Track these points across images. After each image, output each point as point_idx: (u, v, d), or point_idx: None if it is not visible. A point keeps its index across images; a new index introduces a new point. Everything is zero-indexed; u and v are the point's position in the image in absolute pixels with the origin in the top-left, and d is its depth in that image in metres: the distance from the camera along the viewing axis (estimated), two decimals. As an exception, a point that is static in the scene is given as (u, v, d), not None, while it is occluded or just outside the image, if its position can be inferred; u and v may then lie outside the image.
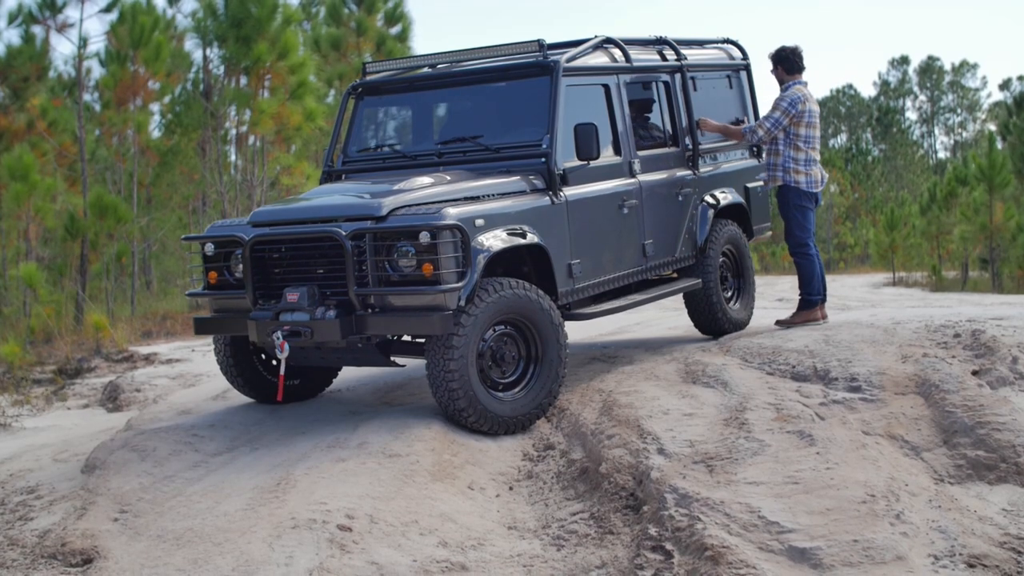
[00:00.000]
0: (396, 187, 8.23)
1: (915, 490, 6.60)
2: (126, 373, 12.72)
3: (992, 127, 52.61)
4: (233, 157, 25.95)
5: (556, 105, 8.70)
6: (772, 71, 10.56)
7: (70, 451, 8.96)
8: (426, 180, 8.41)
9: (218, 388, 10.31)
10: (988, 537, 6.17)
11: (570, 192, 8.73)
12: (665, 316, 14.89)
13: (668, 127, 10.22)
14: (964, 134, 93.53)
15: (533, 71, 8.95)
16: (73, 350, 14.94)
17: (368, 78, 9.86)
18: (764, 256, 48.01)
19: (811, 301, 10.48)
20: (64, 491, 7.76)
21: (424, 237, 7.56)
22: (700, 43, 11.27)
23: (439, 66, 9.69)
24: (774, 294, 22.03)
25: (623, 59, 9.65)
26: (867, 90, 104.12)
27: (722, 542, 5.92)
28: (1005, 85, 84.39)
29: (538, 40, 8.94)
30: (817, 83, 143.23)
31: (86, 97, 24.55)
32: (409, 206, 7.93)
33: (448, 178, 8.52)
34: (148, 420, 9.09)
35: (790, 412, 7.59)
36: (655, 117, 10.14)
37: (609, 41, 9.67)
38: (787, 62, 10.44)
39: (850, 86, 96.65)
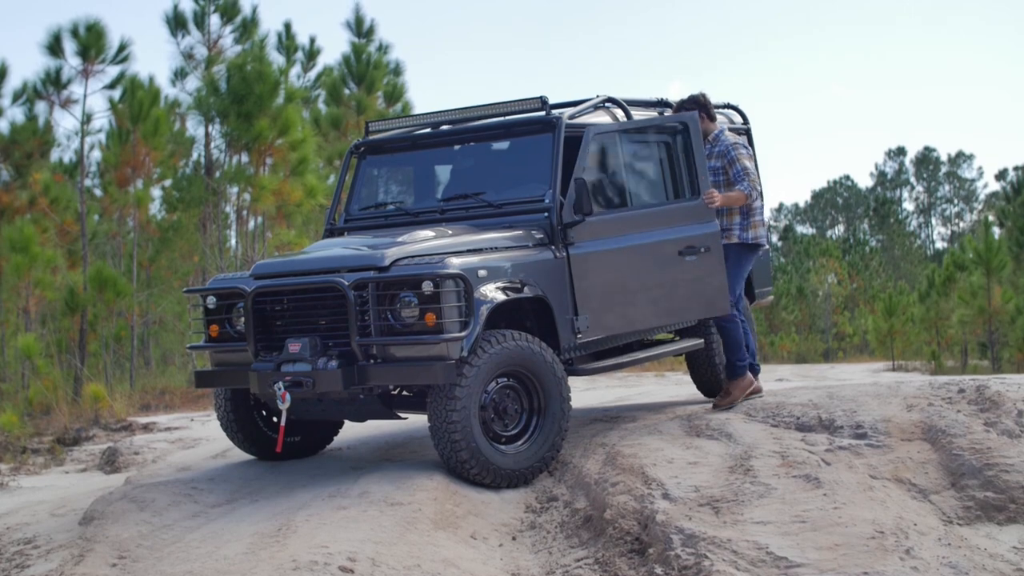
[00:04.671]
0: (399, 239, 8.23)
1: (924, 529, 6.54)
2: (124, 439, 12.62)
3: (991, 216, 52.82)
4: (233, 241, 26.03)
5: (558, 161, 8.72)
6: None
7: (68, 506, 8.85)
8: (428, 233, 8.41)
9: (218, 448, 10.25)
10: (1000, 573, 6.10)
11: (572, 247, 8.71)
12: (666, 389, 14.85)
13: (670, 186, 10.21)
14: (961, 224, 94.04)
15: (536, 128, 8.97)
16: (71, 421, 14.84)
17: (371, 137, 9.90)
18: (763, 345, 47.69)
19: (741, 368, 9.56)
20: (61, 541, 7.65)
21: (427, 287, 7.54)
22: (702, 106, 11.29)
23: (441, 125, 9.72)
24: (772, 376, 22.01)
25: (624, 118, 9.69)
26: (864, 181, 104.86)
27: (730, 578, 5.85)
28: (1001, 175, 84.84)
29: (540, 97, 8.96)
30: (814, 174, 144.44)
31: (87, 181, 24.66)
32: (412, 257, 7.92)
33: (450, 232, 8.52)
34: (147, 476, 9.02)
35: (796, 459, 7.54)
36: (657, 176, 10.13)
37: (611, 100, 9.72)
38: (708, 108, 9.72)
39: (847, 177, 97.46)
